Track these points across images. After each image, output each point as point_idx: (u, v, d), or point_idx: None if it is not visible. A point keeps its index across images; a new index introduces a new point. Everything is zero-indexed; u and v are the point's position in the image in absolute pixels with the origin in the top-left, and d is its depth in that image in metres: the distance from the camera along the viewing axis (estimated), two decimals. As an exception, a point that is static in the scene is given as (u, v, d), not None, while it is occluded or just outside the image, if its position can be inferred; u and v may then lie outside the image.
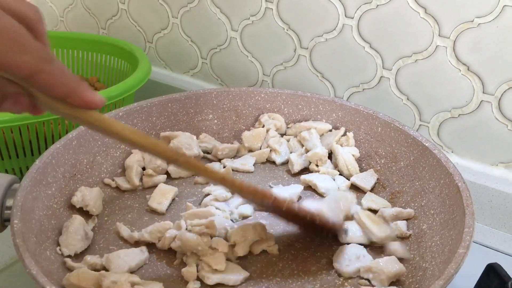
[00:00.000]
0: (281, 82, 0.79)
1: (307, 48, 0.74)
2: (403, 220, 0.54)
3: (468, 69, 0.62)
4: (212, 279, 0.46)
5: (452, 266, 0.41)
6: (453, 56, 0.62)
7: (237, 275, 0.47)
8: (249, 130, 0.67)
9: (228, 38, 0.81)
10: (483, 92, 0.62)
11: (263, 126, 0.67)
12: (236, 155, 0.66)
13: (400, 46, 0.66)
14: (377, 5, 0.65)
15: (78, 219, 0.51)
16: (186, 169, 0.53)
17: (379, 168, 0.62)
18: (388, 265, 0.47)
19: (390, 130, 0.61)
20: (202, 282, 0.47)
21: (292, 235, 0.53)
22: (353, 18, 0.68)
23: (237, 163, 0.63)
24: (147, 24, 0.91)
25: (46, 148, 0.63)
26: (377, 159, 0.62)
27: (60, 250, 0.48)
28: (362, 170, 0.62)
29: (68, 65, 0.90)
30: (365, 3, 0.66)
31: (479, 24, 0.59)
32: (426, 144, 0.56)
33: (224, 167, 0.63)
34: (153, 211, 0.56)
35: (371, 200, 0.57)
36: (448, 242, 0.47)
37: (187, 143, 0.61)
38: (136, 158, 0.61)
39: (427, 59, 0.64)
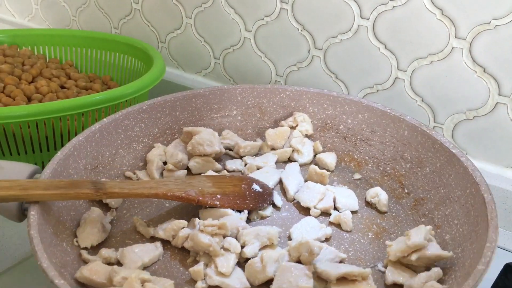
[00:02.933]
0: (294, 83, 0.79)
1: (321, 49, 0.74)
2: (433, 281, 0.46)
3: (484, 71, 0.62)
4: (212, 279, 0.46)
5: (469, 282, 0.39)
6: (469, 57, 0.62)
7: (237, 283, 0.46)
8: (272, 127, 0.67)
9: (242, 38, 0.82)
10: (499, 94, 0.62)
11: (297, 125, 0.66)
12: (258, 152, 0.66)
13: (415, 47, 0.66)
14: (393, 6, 0.65)
15: (96, 211, 0.51)
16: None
17: (403, 172, 0.60)
18: None
19: (417, 134, 0.59)
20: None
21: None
22: (368, 19, 0.68)
23: (259, 161, 0.63)
24: (160, 24, 0.91)
25: (62, 144, 0.64)
26: (402, 163, 0.60)
27: (77, 241, 0.48)
28: (385, 174, 0.61)
29: (82, 63, 0.91)
30: (381, 4, 0.66)
31: (496, 26, 0.59)
32: (454, 151, 0.54)
33: (245, 164, 0.63)
34: (172, 207, 0.56)
35: (396, 272, 0.48)
36: (469, 255, 0.45)
37: (209, 139, 0.61)
38: (157, 152, 0.61)
39: (442, 61, 0.64)
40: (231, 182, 0.56)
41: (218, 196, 0.53)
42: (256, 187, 0.56)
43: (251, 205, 0.54)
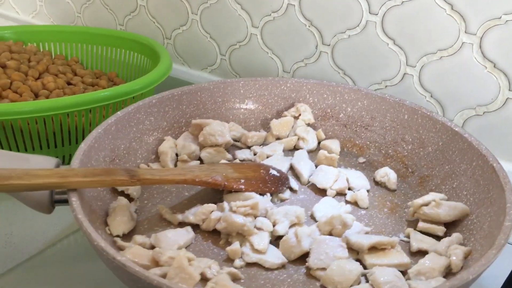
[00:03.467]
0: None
1: (329, 45, 0.74)
2: (457, 245, 0.48)
3: (494, 66, 0.62)
4: (250, 256, 0.47)
5: (502, 237, 0.42)
6: (479, 53, 0.62)
7: (275, 259, 0.47)
8: (276, 119, 0.68)
9: (249, 34, 0.81)
10: (509, 90, 0.62)
11: (299, 115, 0.67)
12: (263, 143, 0.67)
13: (425, 43, 0.66)
14: (402, 2, 0.65)
15: (123, 200, 0.51)
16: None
17: (406, 153, 0.62)
18: (434, 262, 0.45)
19: (417, 116, 0.61)
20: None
21: None
22: (377, 14, 0.68)
23: (267, 150, 0.64)
24: (166, 20, 0.91)
25: (70, 140, 0.64)
26: (404, 145, 0.62)
27: (109, 230, 0.49)
28: (388, 156, 0.63)
29: (87, 60, 0.90)
30: (390, 0, 0.66)
31: (506, 21, 0.59)
32: (456, 129, 0.57)
33: (254, 154, 0.64)
34: (190, 195, 0.57)
35: (419, 240, 0.51)
36: (486, 219, 0.48)
37: (220, 130, 0.62)
38: (169, 145, 0.61)
39: (452, 56, 0.64)
40: (250, 168, 0.58)
41: (242, 181, 0.54)
42: (273, 171, 0.58)
43: (273, 188, 0.56)
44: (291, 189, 0.59)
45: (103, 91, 0.64)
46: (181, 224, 0.52)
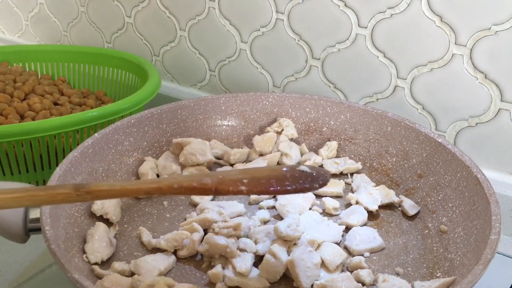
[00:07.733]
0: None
1: (319, 59, 0.73)
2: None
3: (485, 77, 0.61)
4: (231, 280, 0.46)
5: (488, 251, 0.41)
6: (470, 64, 0.62)
7: (257, 282, 0.46)
8: (258, 134, 0.67)
9: (238, 50, 0.81)
10: (501, 100, 0.61)
11: (282, 130, 0.66)
12: (246, 159, 0.66)
13: (415, 55, 0.65)
14: (391, 14, 0.65)
15: (102, 226, 0.50)
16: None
17: (390, 166, 0.61)
18: (344, 284, 0.45)
19: (400, 128, 0.61)
20: (227, 283, 0.47)
21: None
22: (366, 27, 0.67)
23: (250, 167, 0.63)
24: (154, 37, 0.90)
25: (57, 162, 0.62)
26: (388, 158, 0.62)
27: (86, 257, 0.48)
28: (373, 169, 0.63)
29: (75, 79, 0.89)
30: (379, 13, 0.66)
31: (496, 31, 0.59)
32: (439, 140, 0.56)
33: None
34: (172, 216, 0.56)
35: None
36: (472, 232, 0.47)
37: (201, 149, 0.61)
38: (149, 166, 0.60)
39: (443, 68, 0.64)
40: (270, 168, 0.51)
41: (245, 181, 0.41)
42: (303, 167, 0.44)
43: (294, 187, 0.42)
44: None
45: (90, 111, 0.63)
46: (157, 249, 0.50)
